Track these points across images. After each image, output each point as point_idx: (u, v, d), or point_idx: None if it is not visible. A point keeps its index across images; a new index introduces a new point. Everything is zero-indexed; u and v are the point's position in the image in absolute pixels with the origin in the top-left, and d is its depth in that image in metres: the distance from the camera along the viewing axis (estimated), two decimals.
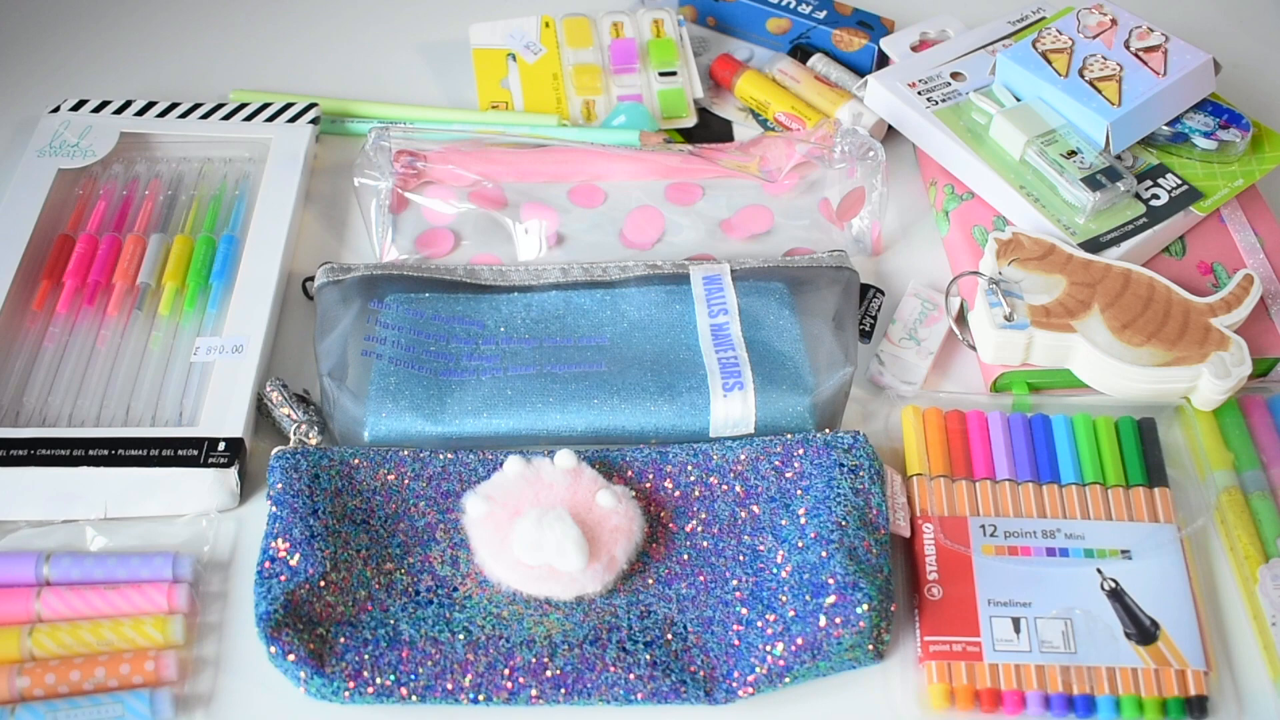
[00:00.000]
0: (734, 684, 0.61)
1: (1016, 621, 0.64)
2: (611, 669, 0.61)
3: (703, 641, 0.63)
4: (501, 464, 0.67)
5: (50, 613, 0.63)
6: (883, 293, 0.80)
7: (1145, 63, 0.81)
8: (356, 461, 0.67)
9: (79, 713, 0.59)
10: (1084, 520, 0.68)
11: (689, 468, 0.69)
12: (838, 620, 0.61)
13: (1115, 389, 0.73)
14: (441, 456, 0.68)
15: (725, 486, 0.68)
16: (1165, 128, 0.81)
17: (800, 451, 0.68)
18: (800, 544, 0.64)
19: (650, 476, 0.69)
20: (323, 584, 0.62)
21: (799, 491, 0.66)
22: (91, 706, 0.59)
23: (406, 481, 0.67)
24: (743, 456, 0.68)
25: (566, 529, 0.63)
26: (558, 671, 0.61)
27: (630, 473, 0.69)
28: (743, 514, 0.67)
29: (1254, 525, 0.69)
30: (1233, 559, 0.68)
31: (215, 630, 0.64)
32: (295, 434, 0.69)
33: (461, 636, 0.62)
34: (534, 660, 0.61)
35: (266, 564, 0.63)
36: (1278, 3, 1.05)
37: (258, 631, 0.60)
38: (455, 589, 0.64)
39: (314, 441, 0.69)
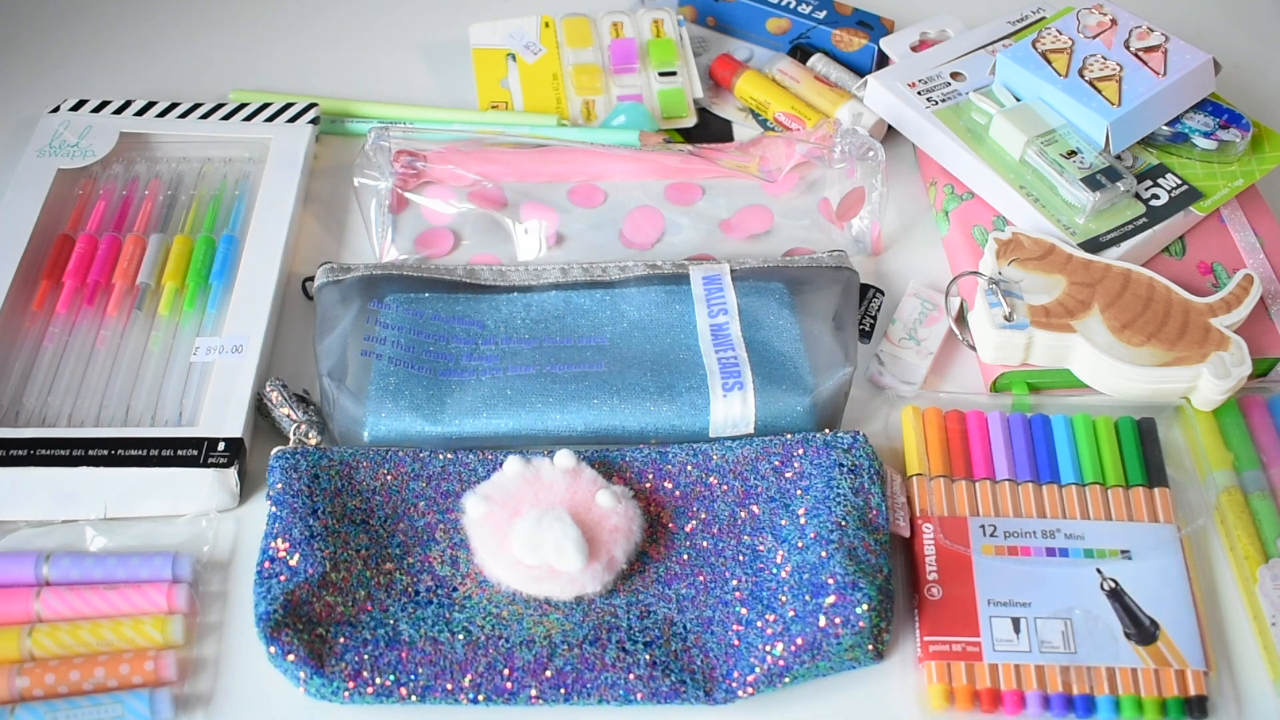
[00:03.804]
0: (734, 684, 0.61)
1: (1016, 621, 0.64)
2: (611, 669, 0.61)
3: (702, 641, 0.63)
4: (501, 464, 0.67)
5: (50, 613, 0.63)
6: (882, 293, 0.80)
7: (1145, 63, 0.81)
8: (356, 461, 0.67)
9: (79, 713, 0.59)
10: (1084, 520, 0.68)
11: (689, 468, 0.69)
12: (837, 620, 0.61)
13: (1115, 389, 0.72)
14: (441, 456, 0.68)
15: (725, 486, 0.68)
16: (1165, 128, 0.81)
17: (800, 451, 0.68)
18: (800, 544, 0.64)
19: (650, 476, 0.69)
20: (322, 584, 0.62)
21: (799, 491, 0.66)
22: (91, 706, 0.59)
23: (406, 481, 0.67)
24: (742, 456, 0.68)
25: (566, 529, 0.63)
26: (557, 671, 0.61)
27: (630, 473, 0.68)
28: (742, 514, 0.67)
29: (1254, 525, 0.69)
30: (1233, 559, 0.68)
31: (215, 630, 0.64)
32: (295, 434, 0.69)
33: (461, 636, 0.62)
34: (533, 660, 0.61)
35: (266, 564, 0.63)
36: (1278, 3, 1.05)
37: (257, 631, 0.60)
38: (455, 589, 0.64)
39: (314, 441, 0.68)
